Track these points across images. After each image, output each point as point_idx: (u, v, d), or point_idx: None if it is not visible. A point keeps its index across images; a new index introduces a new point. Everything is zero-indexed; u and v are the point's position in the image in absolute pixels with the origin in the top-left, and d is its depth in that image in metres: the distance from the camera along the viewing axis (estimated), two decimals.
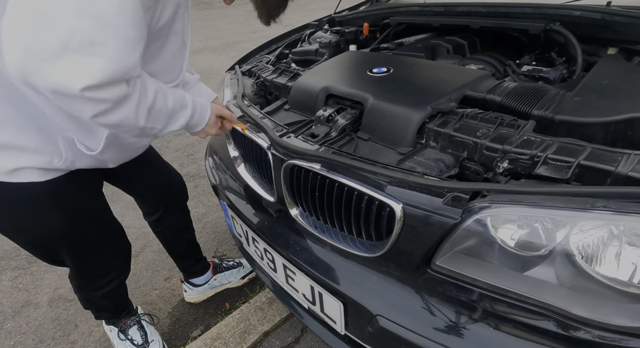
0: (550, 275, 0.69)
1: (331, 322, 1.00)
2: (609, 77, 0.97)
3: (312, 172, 0.91)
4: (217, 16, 7.88)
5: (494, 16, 1.36)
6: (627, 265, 0.62)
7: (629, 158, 0.69)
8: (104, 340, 1.49)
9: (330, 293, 0.93)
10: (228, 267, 1.69)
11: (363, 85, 1.08)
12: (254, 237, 1.18)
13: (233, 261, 1.72)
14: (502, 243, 0.71)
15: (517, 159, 0.77)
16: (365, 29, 1.71)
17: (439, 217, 0.73)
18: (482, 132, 0.86)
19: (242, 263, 1.73)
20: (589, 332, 0.65)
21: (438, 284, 0.81)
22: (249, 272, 1.72)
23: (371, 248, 0.87)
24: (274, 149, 1.01)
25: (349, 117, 1.03)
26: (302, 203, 1.01)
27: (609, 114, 0.82)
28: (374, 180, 0.81)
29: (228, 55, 5.13)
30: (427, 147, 0.94)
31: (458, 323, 0.77)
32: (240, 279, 1.70)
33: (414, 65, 1.21)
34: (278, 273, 1.14)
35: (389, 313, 0.83)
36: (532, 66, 1.22)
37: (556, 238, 0.66)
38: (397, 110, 0.95)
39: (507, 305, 0.73)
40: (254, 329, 1.45)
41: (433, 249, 0.77)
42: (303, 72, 1.34)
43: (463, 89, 1.02)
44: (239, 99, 1.28)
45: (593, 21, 1.16)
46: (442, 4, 1.53)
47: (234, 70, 1.59)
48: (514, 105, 0.95)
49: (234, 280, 1.69)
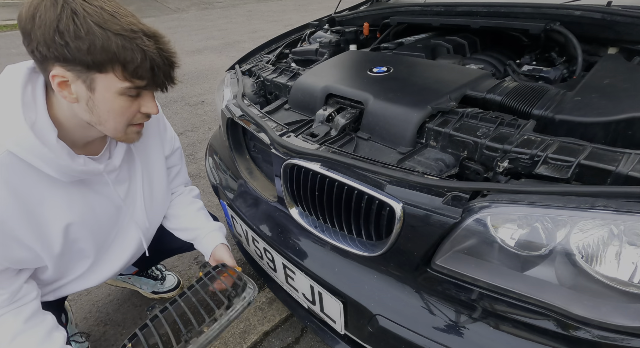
0: (551, 274, 0.68)
1: (331, 322, 1.00)
2: (610, 77, 0.97)
3: (312, 172, 0.91)
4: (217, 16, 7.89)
5: (494, 16, 1.36)
6: (628, 264, 0.61)
7: (629, 157, 0.69)
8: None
9: (330, 292, 0.93)
10: (149, 275, 1.59)
11: (363, 84, 1.08)
12: (253, 237, 1.18)
13: (160, 273, 1.61)
14: (502, 243, 0.70)
15: (517, 159, 0.77)
16: (365, 28, 1.71)
17: (439, 217, 0.73)
18: (482, 131, 0.86)
19: (165, 278, 1.61)
20: (589, 331, 0.65)
21: (438, 284, 0.80)
22: (165, 290, 1.60)
23: (371, 248, 0.87)
24: (274, 149, 1.01)
25: (349, 116, 1.03)
26: (302, 202, 1.00)
27: (610, 113, 0.81)
28: (373, 179, 0.81)
29: (228, 55, 5.13)
30: (427, 146, 0.94)
31: (458, 323, 0.76)
32: (150, 292, 1.60)
33: (414, 65, 1.21)
34: (278, 273, 1.14)
35: (389, 312, 0.83)
36: (533, 66, 1.22)
37: (556, 237, 0.66)
38: (397, 110, 0.95)
39: (507, 304, 0.73)
40: (253, 329, 1.45)
41: (433, 249, 0.77)
42: (303, 71, 1.34)
43: (463, 89, 1.02)
44: (239, 99, 1.28)
45: (593, 21, 1.16)
46: (442, 3, 1.52)
47: (234, 70, 1.59)
48: (514, 105, 0.95)
49: (145, 290, 1.60)
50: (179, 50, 0.78)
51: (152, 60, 0.69)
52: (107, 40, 0.64)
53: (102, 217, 0.91)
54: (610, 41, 1.21)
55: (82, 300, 1.60)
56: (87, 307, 1.57)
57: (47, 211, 0.78)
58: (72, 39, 0.63)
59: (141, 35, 0.68)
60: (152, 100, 0.77)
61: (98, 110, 0.72)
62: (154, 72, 0.70)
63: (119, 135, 0.79)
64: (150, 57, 0.69)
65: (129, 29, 0.67)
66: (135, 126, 0.80)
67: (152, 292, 1.61)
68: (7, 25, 6.50)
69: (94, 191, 0.87)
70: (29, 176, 0.73)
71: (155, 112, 0.78)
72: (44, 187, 0.76)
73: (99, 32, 0.64)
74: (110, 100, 0.71)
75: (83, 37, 0.63)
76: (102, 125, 0.75)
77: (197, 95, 3.84)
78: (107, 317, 1.53)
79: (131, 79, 0.69)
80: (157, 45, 0.70)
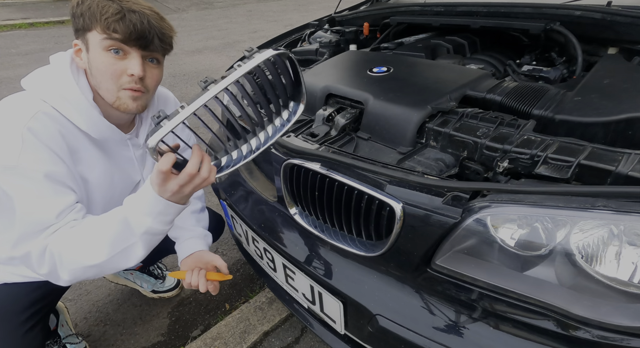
0: (551, 274, 0.68)
1: (331, 322, 1.00)
2: (609, 77, 0.97)
3: (312, 172, 0.91)
4: (217, 16, 7.88)
5: (494, 16, 1.36)
6: (627, 264, 0.62)
7: (629, 157, 0.69)
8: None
9: (330, 292, 0.93)
10: (150, 273, 1.60)
11: (363, 84, 1.08)
12: (253, 237, 1.18)
13: (161, 272, 1.62)
14: (502, 243, 0.70)
15: (517, 159, 0.77)
16: (365, 28, 1.71)
17: (438, 217, 0.73)
18: (482, 131, 0.86)
19: (165, 278, 1.62)
20: (589, 331, 0.65)
21: (438, 284, 0.80)
22: (165, 290, 1.61)
23: (371, 248, 0.87)
24: (274, 149, 1.01)
25: (348, 116, 1.03)
26: (302, 202, 1.00)
27: (609, 113, 0.81)
28: (373, 179, 0.81)
29: (228, 55, 5.13)
30: (427, 146, 0.94)
31: (458, 323, 0.76)
32: (150, 291, 1.60)
33: (414, 65, 1.21)
34: (278, 273, 1.14)
35: (389, 312, 0.83)
36: (533, 66, 1.22)
37: (556, 237, 0.66)
38: (397, 110, 0.95)
39: (507, 304, 0.73)
40: (253, 329, 1.45)
41: (433, 249, 0.77)
42: (303, 71, 1.33)
43: (463, 89, 1.02)
44: None
45: (593, 21, 1.16)
46: (442, 3, 1.53)
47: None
48: (514, 105, 0.95)
49: (144, 289, 1.60)
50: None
51: (127, 15, 0.78)
52: (93, 2, 0.79)
53: (117, 187, 1.00)
54: (610, 41, 1.21)
55: (82, 300, 1.60)
56: (87, 307, 1.57)
57: (77, 161, 0.89)
58: (76, 12, 0.80)
59: (128, 0, 0.80)
60: (136, 60, 0.83)
61: (93, 69, 0.83)
62: (128, 27, 0.79)
63: (112, 98, 0.86)
64: (126, 12, 0.79)
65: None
66: (127, 90, 0.85)
67: (151, 290, 1.61)
68: (7, 25, 6.49)
69: (117, 165, 0.98)
70: (66, 127, 0.85)
71: (137, 71, 0.83)
72: (77, 140, 0.88)
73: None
74: (97, 57, 0.81)
75: (81, 5, 0.79)
76: (99, 88, 0.85)
77: None
78: (107, 317, 1.53)
79: (108, 31, 0.78)
80: (140, 8, 0.81)
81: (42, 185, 0.78)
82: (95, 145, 0.92)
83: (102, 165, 0.94)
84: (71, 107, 0.83)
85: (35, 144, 0.78)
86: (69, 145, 0.85)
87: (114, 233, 0.77)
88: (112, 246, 0.77)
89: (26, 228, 0.78)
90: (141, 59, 0.84)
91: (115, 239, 0.77)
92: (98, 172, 0.93)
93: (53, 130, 0.82)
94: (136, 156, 1.02)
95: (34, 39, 5.87)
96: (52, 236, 0.78)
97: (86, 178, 0.91)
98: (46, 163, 0.79)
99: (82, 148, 0.88)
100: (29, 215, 0.78)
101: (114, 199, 1.00)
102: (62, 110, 0.83)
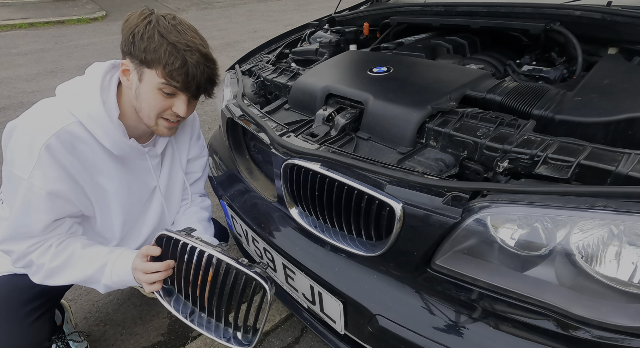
0: (550, 274, 0.68)
1: (331, 322, 1.00)
2: (610, 77, 0.97)
3: (312, 172, 0.91)
4: (217, 16, 7.88)
5: (494, 16, 1.36)
6: (627, 264, 0.62)
7: (629, 157, 0.69)
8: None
9: (330, 292, 0.93)
10: None
11: (363, 84, 1.08)
12: (253, 237, 1.18)
13: None
14: (502, 243, 0.70)
15: (517, 159, 0.77)
16: (365, 28, 1.71)
17: (438, 217, 0.73)
18: (482, 131, 0.86)
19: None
20: (589, 331, 0.65)
21: (438, 284, 0.80)
22: None
23: (371, 248, 0.87)
24: (274, 149, 1.01)
25: (348, 116, 1.03)
26: (302, 202, 1.00)
27: (609, 113, 0.81)
28: (373, 179, 0.81)
29: (228, 55, 5.12)
30: (427, 146, 0.94)
31: (458, 323, 0.76)
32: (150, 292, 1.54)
33: (414, 65, 1.21)
34: (278, 273, 1.14)
35: (389, 312, 0.83)
36: (533, 66, 1.22)
37: (556, 237, 0.66)
38: (397, 110, 0.95)
39: (507, 304, 0.73)
40: None
41: (433, 249, 0.77)
42: (303, 71, 1.34)
43: (463, 89, 1.02)
44: (239, 99, 1.28)
45: (593, 21, 1.16)
46: (442, 3, 1.53)
47: (234, 70, 1.59)
48: (514, 105, 0.95)
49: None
50: None
51: (190, 70, 0.83)
52: (160, 46, 0.81)
53: (134, 194, 1.05)
54: (610, 41, 1.21)
55: (82, 300, 1.60)
56: (87, 306, 1.57)
57: (95, 173, 0.95)
58: (138, 40, 0.81)
59: (193, 50, 0.83)
60: (183, 103, 0.89)
61: (140, 97, 0.87)
62: (187, 79, 0.83)
63: (150, 123, 0.92)
64: (189, 67, 0.82)
65: (185, 43, 0.82)
66: (165, 120, 0.93)
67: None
68: (7, 25, 6.48)
69: (135, 175, 1.03)
70: (87, 143, 0.90)
71: (182, 113, 0.90)
72: (97, 155, 0.93)
73: (158, 38, 0.81)
74: (149, 92, 0.86)
75: (145, 40, 0.81)
76: (140, 112, 0.90)
77: None
78: (107, 317, 1.53)
79: (167, 78, 0.83)
80: (202, 61, 0.84)
81: (41, 201, 0.85)
82: (115, 159, 0.96)
83: (121, 175, 0.99)
84: (96, 126, 0.87)
85: (49, 162, 0.83)
86: (88, 160, 0.91)
87: (90, 271, 0.94)
88: (84, 279, 0.95)
89: (13, 231, 0.88)
90: (187, 100, 0.89)
91: (88, 276, 0.94)
92: (117, 182, 0.98)
93: (71, 148, 0.86)
94: (153, 165, 1.06)
95: (34, 38, 5.87)
96: (39, 250, 0.90)
97: (106, 189, 0.97)
98: (54, 182, 0.85)
99: (102, 161, 0.93)
100: (20, 222, 0.87)
101: (133, 205, 1.06)
102: (88, 126, 0.87)
